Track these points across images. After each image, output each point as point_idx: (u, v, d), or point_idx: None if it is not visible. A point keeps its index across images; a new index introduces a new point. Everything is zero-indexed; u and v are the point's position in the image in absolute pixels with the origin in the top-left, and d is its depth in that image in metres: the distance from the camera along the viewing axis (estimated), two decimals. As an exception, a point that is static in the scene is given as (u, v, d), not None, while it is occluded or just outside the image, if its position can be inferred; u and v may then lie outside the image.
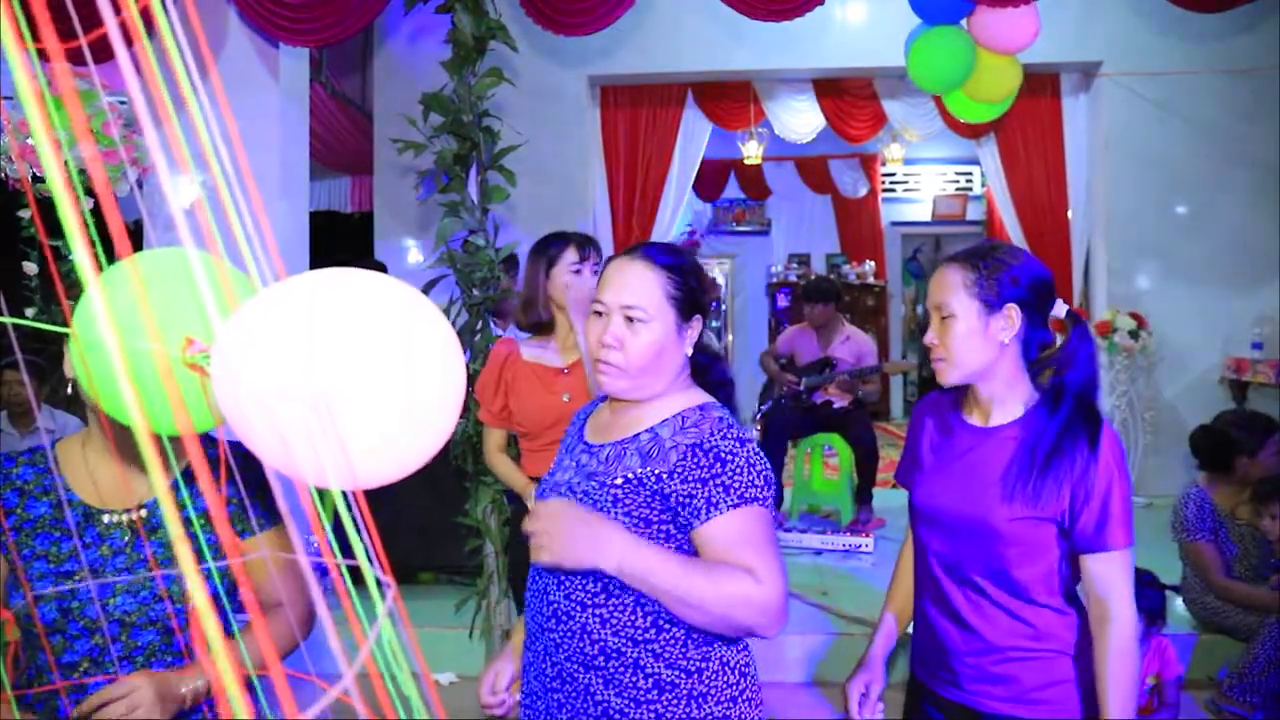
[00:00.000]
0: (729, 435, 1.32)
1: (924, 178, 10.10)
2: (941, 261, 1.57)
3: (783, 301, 9.78)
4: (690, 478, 1.29)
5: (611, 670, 1.31)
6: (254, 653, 1.32)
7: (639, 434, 1.37)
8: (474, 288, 3.17)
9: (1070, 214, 6.22)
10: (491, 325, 3.25)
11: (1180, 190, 5.82)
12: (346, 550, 0.59)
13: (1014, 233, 6.39)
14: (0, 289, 0.98)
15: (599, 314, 1.40)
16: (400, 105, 4.73)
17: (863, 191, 9.80)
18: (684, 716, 1.29)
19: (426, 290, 2.96)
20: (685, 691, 1.30)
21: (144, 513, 1.39)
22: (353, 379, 0.61)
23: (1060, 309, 1.57)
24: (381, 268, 5.49)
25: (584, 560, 1.24)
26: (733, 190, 9.95)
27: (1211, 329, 5.74)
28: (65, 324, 0.87)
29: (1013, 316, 1.50)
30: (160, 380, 0.66)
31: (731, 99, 6.81)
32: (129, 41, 0.51)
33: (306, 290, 0.64)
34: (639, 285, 1.36)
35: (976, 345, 1.50)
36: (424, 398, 0.65)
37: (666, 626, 1.31)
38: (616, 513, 1.31)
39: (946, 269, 1.53)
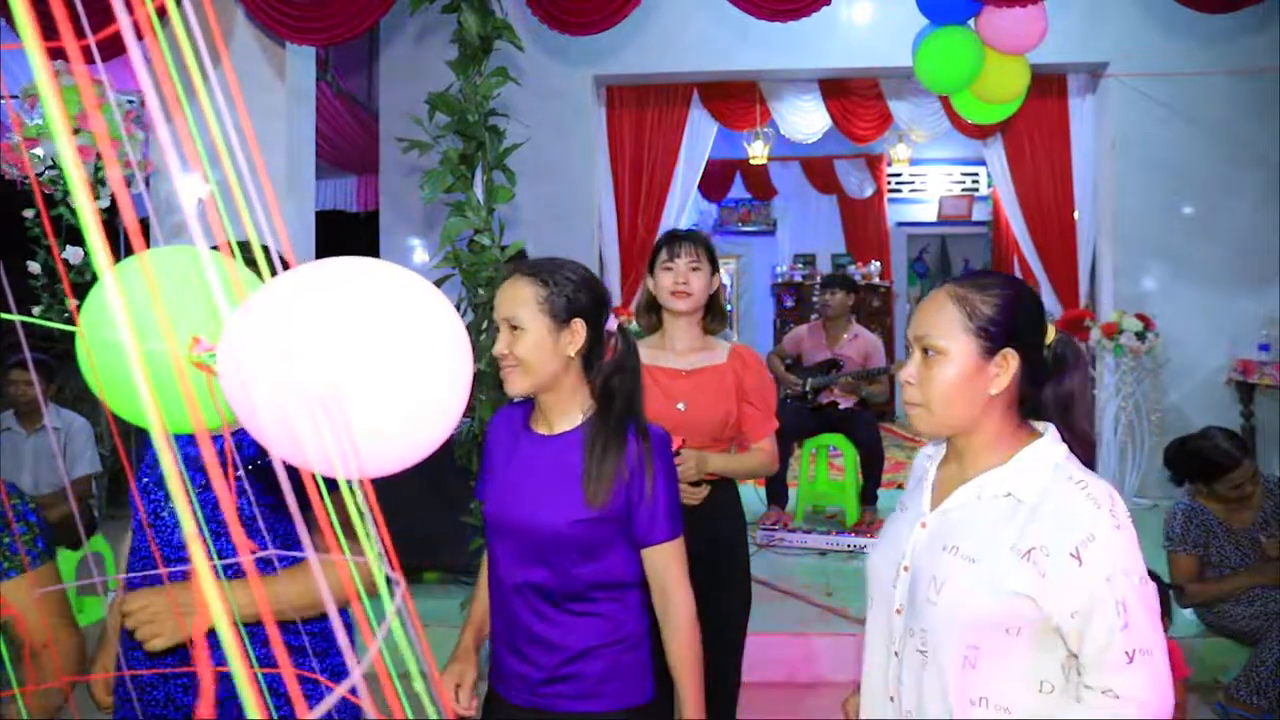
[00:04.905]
0: None
1: (930, 178, 10.08)
2: (512, 271, 1.62)
3: (788, 301, 9.77)
4: None
5: (256, 635, 1.46)
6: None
7: None
8: (479, 287, 3.16)
9: (1076, 215, 6.20)
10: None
11: (1187, 191, 5.80)
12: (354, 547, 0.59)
13: (1020, 233, 6.37)
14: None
15: None
16: (406, 104, 4.73)
17: (868, 192, 9.79)
18: (323, 668, 1.50)
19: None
20: (313, 649, 1.51)
21: None
22: (360, 367, 0.61)
23: (613, 323, 1.64)
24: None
25: (186, 630, 1.36)
26: (738, 190, 9.94)
27: (1218, 331, 5.72)
28: (69, 323, 0.87)
29: (578, 331, 1.57)
30: (167, 379, 0.66)
31: (737, 99, 6.80)
32: (139, 38, 0.50)
33: (313, 279, 0.63)
34: None
35: (545, 358, 1.57)
36: (433, 386, 0.65)
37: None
38: (244, 500, 1.45)
39: (515, 281, 1.58)
